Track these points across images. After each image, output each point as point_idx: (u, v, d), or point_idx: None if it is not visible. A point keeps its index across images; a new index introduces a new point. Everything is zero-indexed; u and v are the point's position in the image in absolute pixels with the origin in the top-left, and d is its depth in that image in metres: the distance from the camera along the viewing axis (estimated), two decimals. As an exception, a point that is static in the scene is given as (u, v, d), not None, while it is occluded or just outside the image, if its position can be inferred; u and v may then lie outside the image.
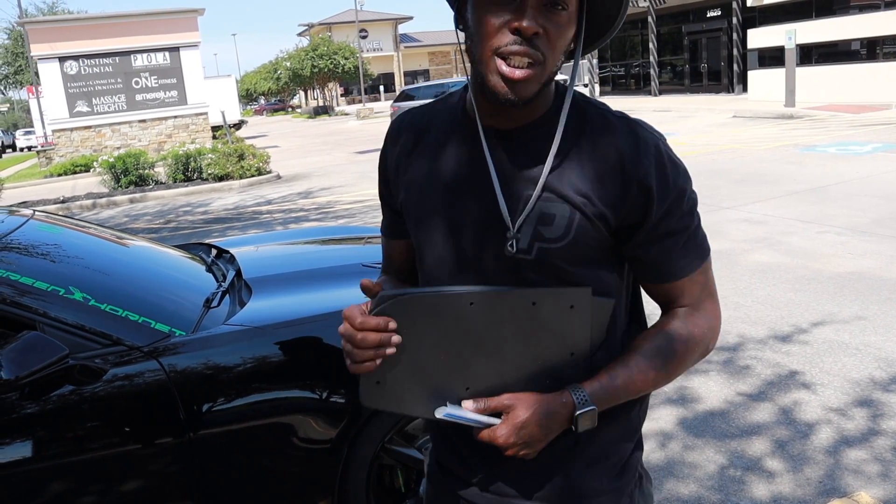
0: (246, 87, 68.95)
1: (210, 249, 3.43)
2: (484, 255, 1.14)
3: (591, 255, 1.13)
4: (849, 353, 4.00)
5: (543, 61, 1.03)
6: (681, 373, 1.19)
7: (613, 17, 1.11)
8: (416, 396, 1.13)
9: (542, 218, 1.10)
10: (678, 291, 1.17)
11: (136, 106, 23.84)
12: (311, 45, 47.00)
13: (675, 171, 1.13)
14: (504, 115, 1.12)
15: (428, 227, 1.19)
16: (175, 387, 2.12)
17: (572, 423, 1.10)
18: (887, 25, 18.59)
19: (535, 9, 1.01)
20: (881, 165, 9.70)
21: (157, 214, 11.70)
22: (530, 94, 1.05)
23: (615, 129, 1.12)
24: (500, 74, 1.03)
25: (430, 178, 1.18)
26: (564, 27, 1.04)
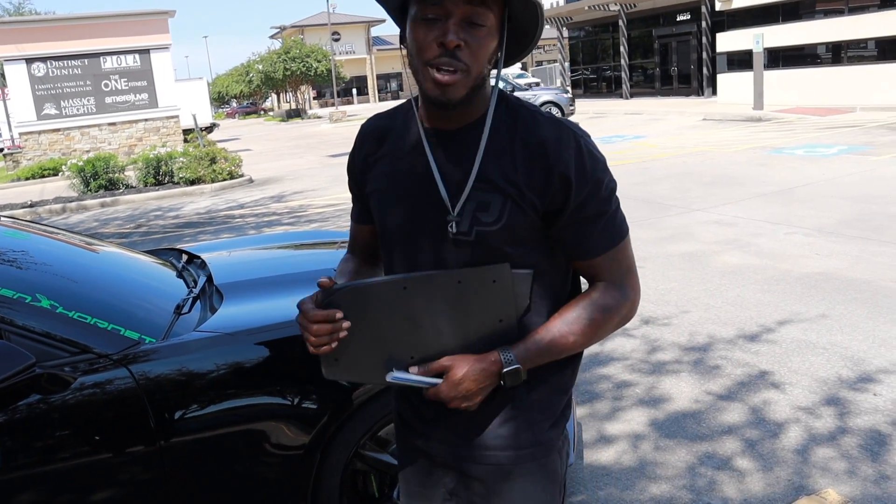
0: (218, 90, 68.33)
1: (181, 255, 3.40)
2: (433, 238, 1.33)
3: (523, 236, 1.30)
4: (816, 352, 4.07)
5: (468, 69, 1.21)
6: (600, 338, 1.37)
7: (532, 33, 1.30)
8: (369, 367, 1.33)
9: (479, 205, 1.28)
10: (598, 268, 1.35)
11: (105, 109, 23.51)
12: (284, 47, 46.70)
13: (594, 162, 1.29)
14: (444, 117, 1.30)
15: (388, 214, 1.38)
16: (145, 394, 2.10)
17: (501, 379, 1.30)
18: (851, 30, 18.96)
19: (457, 26, 1.19)
20: (847, 167, 9.89)
21: (128, 219, 11.55)
22: (459, 96, 1.23)
23: (542, 127, 1.29)
24: (433, 81, 1.21)
25: (389, 174, 1.38)
26: (484, 40, 1.22)
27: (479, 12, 1.20)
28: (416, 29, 1.22)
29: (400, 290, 1.29)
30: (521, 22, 1.28)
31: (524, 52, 1.34)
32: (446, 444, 1.42)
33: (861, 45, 19.07)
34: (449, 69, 1.20)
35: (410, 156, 1.35)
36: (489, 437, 1.38)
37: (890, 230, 6.48)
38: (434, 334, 1.30)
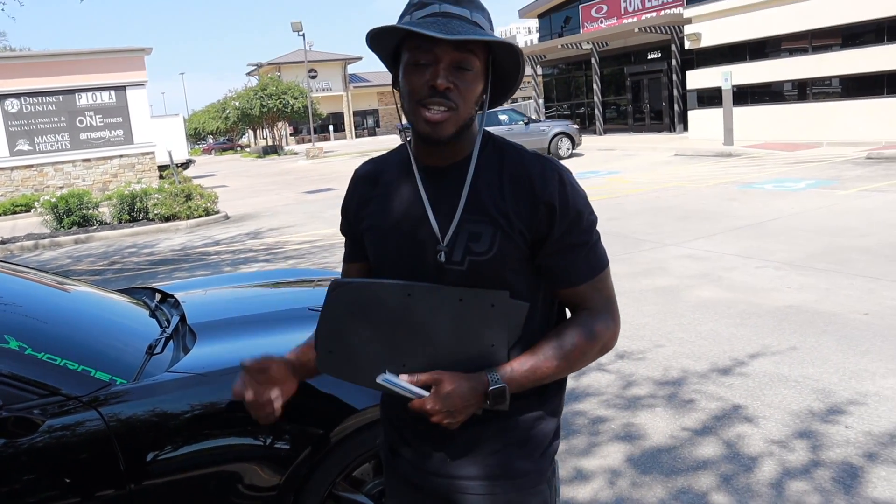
0: (194, 127, 68.28)
1: (154, 293, 3.37)
2: (426, 269, 1.39)
3: (513, 266, 1.38)
4: (788, 385, 4.11)
5: (457, 108, 1.32)
6: (582, 365, 1.43)
7: (514, 77, 1.41)
8: (360, 368, 1.37)
9: (471, 235, 1.36)
10: (581, 296, 1.43)
11: (80, 145, 23.39)
12: (261, 84, 46.90)
13: (575, 194, 1.40)
14: (436, 154, 1.40)
15: (383, 248, 1.46)
16: (115, 437, 2.07)
17: (486, 399, 1.34)
18: (815, 68, 19.50)
19: (446, 70, 1.30)
20: (815, 201, 10.09)
21: (102, 256, 11.43)
22: (448, 133, 1.33)
23: (527, 162, 1.40)
24: (424, 119, 1.32)
25: (384, 211, 1.47)
26: (471, 83, 1.33)
27: (466, 58, 1.31)
28: (408, 73, 1.33)
29: (404, 296, 1.34)
30: (504, 67, 1.39)
31: (508, 94, 1.45)
32: (436, 475, 1.45)
33: (825, 82, 19.60)
34: (440, 108, 1.30)
35: (404, 192, 1.44)
36: (480, 467, 1.42)
37: (857, 263, 6.61)
38: (427, 346, 1.35)
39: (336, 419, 2.30)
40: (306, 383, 2.32)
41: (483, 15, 1.35)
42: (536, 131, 20.87)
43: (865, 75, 18.32)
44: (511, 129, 20.36)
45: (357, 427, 2.33)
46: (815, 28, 19.32)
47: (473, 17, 1.32)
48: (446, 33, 1.25)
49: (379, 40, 1.37)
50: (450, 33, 1.25)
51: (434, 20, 1.29)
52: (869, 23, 18.12)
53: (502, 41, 1.32)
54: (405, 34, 1.33)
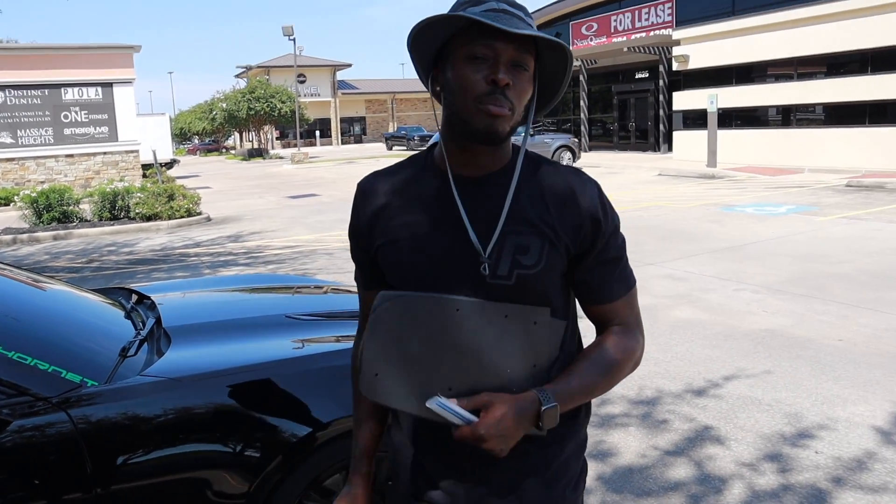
0: (180, 126, 67.90)
1: (131, 294, 3.35)
2: (464, 285, 1.30)
3: (556, 280, 1.34)
4: (761, 408, 4.15)
5: (513, 108, 1.26)
6: (619, 380, 1.38)
7: (558, 85, 1.35)
8: (405, 392, 1.26)
9: (518, 248, 1.29)
10: (615, 312, 1.39)
11: (64, 140, 23.19)
12: (249, 87, 46.76)
13: (612, 210, 1.38)
14: (473, 163, 1.33)
15: (410, 265, 1.34)
16: (84, 440, 2.05)
17: (539, 420, 1.25)
18: (800, 95, 19.79)
19: (505, 66, 1.24)
20: (795, 226, 10.21)
21: (80, 253, 11.32)
22: (505, 132, 1.27)
23: (565, 174, 1.36)
24: (485, 113, 1.24)
25: (409, 224, 1.35)
26: (526, 84, 1.27)
27: (524, 57, 1.26)
28: (463, 67, 1.25)
29: (452, 311, 1.25)
30: (547, 74, 1.33)
31: (549, 104, 1.39)
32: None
33: (809, 109, 19.89)
34: (502, 104, 1.24)
35: (433, 203, 1.34)
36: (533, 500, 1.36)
37: (834, 289, 6.68)
38: (474, 368, 1.26)
39: (307, 429, 2.29)
40: (279, 392, 2.32)
41: (531, 21, 1.30)
42: (541, 143, 21.40)
43: (848, 104, 18.61)
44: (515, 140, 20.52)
45: (329, 437, 2.32)
46: (801, 56, 19.61)
47: (527, 19, 1.27)
48: (514, 28, 1.20)
49: (426, 33, 1.28)
50: (516, 28, 1.21)
51: (496, 15, 1.23)
52: (853, 53, 18.43)
53: (559, 42, 1.27)
54: (461, 26, 1.25)
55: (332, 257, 9.55)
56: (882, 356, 4.90)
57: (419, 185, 1.37)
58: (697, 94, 22.34)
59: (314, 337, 2.70)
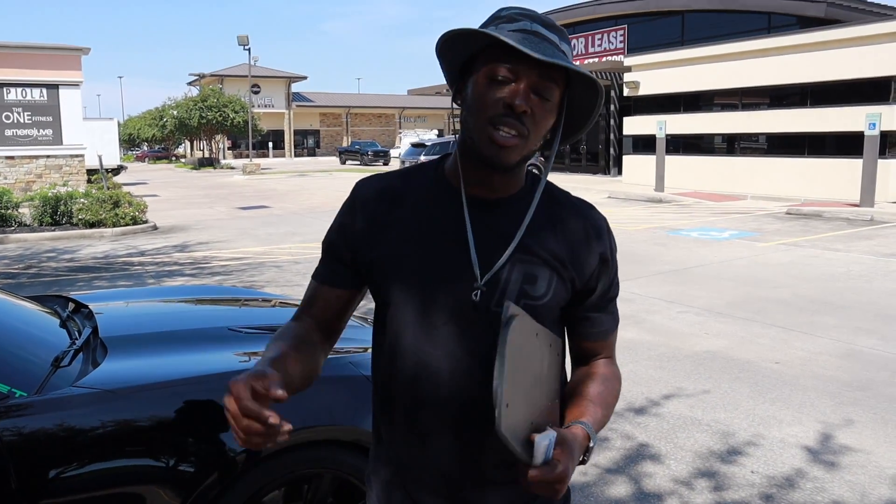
0: (129, 132, 66.48)
1: (68, 303, 3.25)
2: (461, 308, 1.25)
3: (557, 314, 1.32)
4: (700, 428, 4.23)
5: (527, 136, 1.21)
6: None
7: (587, 117, 1.30)
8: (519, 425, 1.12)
9: (527, 277, 1.26)
10: (604, 346, 1.40)
11: (4, 141, 22.43)
12: (201, 95, 46.08)
13: (616, 248, 1.37)
14: (487, 184, 1.28)
15: (407, 280, 1.28)
16: (9, 453, 1.97)
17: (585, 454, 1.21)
18: (744, 124, 20.42)
19: (526, 92, 1.19)
20: (737, 251, 10.49)
21: (17, 259, 10.95)
22: (513, 162, 1.22)
23: (580, 208, 1.35)
24: (491, 140, 1.20)
25: (412, 237, 1.29)
26: (547, 114, 1.22)
27: (548, 86, 1.20)
28: (483, 86, 1.20)
29: (532, 336, 1.19)
30: (576, 105, 1.28)
31: (576, 135, 1.35)
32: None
33: (753, 138, 20.52)
34: (511, 132, 1.19)
35: (438, 220, 1.29)
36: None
37: (773, 313, 6.88)
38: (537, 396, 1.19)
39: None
40: (217, 406, 2.27)
41: (569, 46, 1.25)
42: None
43: (789, 135, 19.27)
44: None
45: (269, 452, 2.28)
46: (745, 87, 20.26)
47: (562, 45, 1.22)
48: (542, 54, 1.15)
49: (454, 45, 1.24)
50: (545, 55, 1.15)
51: (525, 37, 1.18)
52: (794, 86, 19.12)
53: (588, 75, 1.22)
54: (487, 44, 1.21)
55: (280, 270, 9.44)
56: (815, 378, 5.06)
57: (430, 198, 1.31)
58: (647, 119, 22.87)
59: (256, 350, 2.66)
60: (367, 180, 1.38)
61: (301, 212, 17.12)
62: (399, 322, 1.30)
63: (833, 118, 18.04)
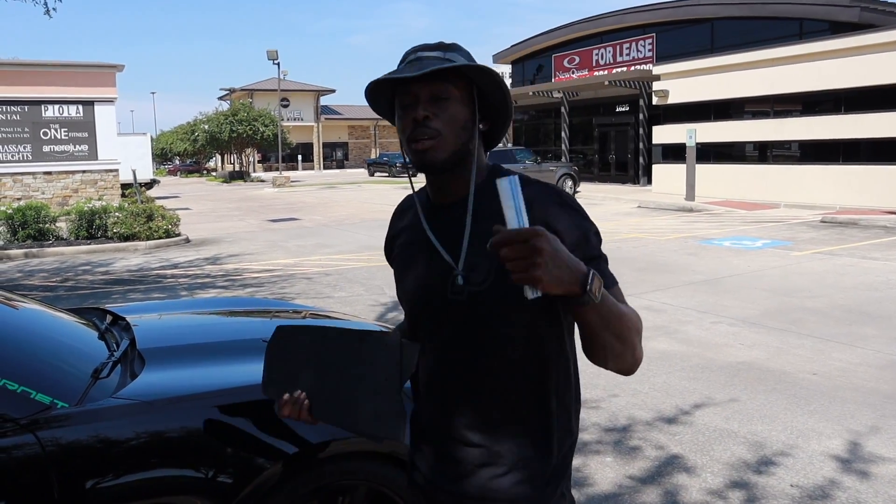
0: (161, 147, 67.58)
1: (105, 315, 3.30)
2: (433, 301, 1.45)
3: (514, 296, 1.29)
4: (736, 440, 4.16)
5: (440, 134, 1.39)
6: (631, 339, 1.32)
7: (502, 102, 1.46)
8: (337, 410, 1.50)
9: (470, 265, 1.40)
10: None
11: (42, 157, 22.94)
12: (232, 109, 46.74)
13: (575, 213, 1.41)
14: (442, 190, 1.48)
15: (402, 284, 1.55)
16: (51, 463, 2.00)
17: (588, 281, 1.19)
18: (776, 132, 20.15)
19: (425, 103, 1.39)
20: (770, 261, 10.34)
21: (54, 272, 11.16)
22: (440, 159, 1.40)
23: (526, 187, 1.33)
24: (412, 151, 1.41)
25: (403, 245, 1.57)
26: (452, 108, 1.40)
27: (441, 87, 1.39)
28: (399, 118, 1.43)
29: (321, 337, 1.52)
30: (490, 94, 1.45)
31: (505, 122, 1.50)
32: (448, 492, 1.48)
33: (785, 146, 20.25)
34: (423, 138, 1.38)
35: (417, 228, 1.52)
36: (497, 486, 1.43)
37: (808, 323, 6.76)
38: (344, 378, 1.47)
39: (282, 456, 2.26)
40: (254, 417, 2.29)
41: (460, 53, 1.43)
42: (546, 170, 23.13)
43: (823, 142, 18.98)
44: (525, 167, 22.07)
45: (304, 464, 2.29)
46: (777, 94, 20.01)
47: (447, 55, 1.41)
48: (416, 71, 1.34)
49: (375, 99, 1.49)
50: (418, 70, 1.34)
51: (407, 64, 1.41)
52: (827, 92, 18.83)
53: (468, 64, 1.38)
54: (393, 89, 1.45)
55: (311, 282, 9.51)
56: (855, 390, 4.95)
57: (413, 210, 1.56)
58: (676, 128, 22.68)
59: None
60: (404, 199, 1.65)
61: (330, 224, 17.23)
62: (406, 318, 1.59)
63: (869, 124, 17.74)
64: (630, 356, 1.34)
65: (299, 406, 1.49)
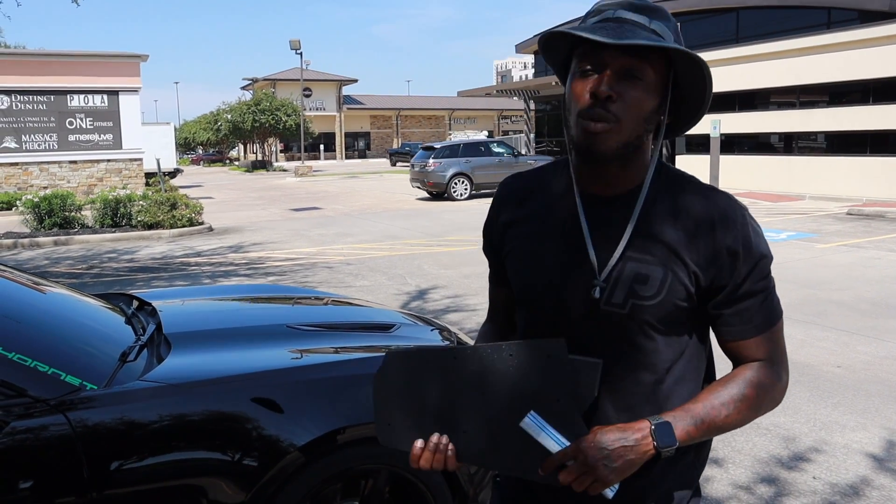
0: (184, 136, 68.14)
1: (131, 300, 3.35)
2: (576, 304, 1.26)
3: (677, 313, 1.24)
4: (759, 432, 4.13)
5: (618, 121, 1.18)
6: (751, 419, 1.26)
7: (701, 96, 1.25)
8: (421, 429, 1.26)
9: (637, 277, 1.22)
10: (753, 348, 1.27)
11: (68, 146, 23.25)
12: (254, 99, 47.01)
13: (758, 238, 1.25)
14: (600, 179, 1.26)
15: (528, 275, 1.32)
16: (81, 443, 2.04)
17: (653, 439, 1.16)
18: (801, 123, 19.88)
19: (611, 78, 1.17)
20: (795, 253, 10.22)
21: (81, 259, 11.32)
22: (608, 149, 1.19)
23: (707, 199, 1.25)
24: (582, 129, 1.19)
25: (533, 234, 1.32)
26: (641, 94, 1.19)
27: (637, 65, 1.18)
28: (573, 82, 1.22)
29: (450, 360, 1.24)
30: (688, 85, 1.24)
31: (695, 118, 1.30)
32: None
33: (811, 137, 19.97)
34: (598, 119, 1.17)
35: (559, 217, 1.30)
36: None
37: (833, 316, 6.68)
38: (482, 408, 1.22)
39: (306, 439, 2.28)
40: (279, 401, 2.31)
41: (667, 25, 1.21)
42: (525, 164, 21.46)
43: (850, 133, 18.70)
44: (501, 161, 20.84)
45: (328, 448, 2.31)
46: (803, 84, 19.73)
47: (652, 24, 1.19)
48: (615, 38, 1.13)
49: (550, 48, 1.27)
50: (619, 38, 1.13)
51: (604, 25, 1.18)
52: (855, 83, 18.53)
53: (680, 49, 1.17)
54: (575, 41, 1.23)
55: (332, 271, 9.56)
56: (881, 384, 4.89)
57: (551, 195, 1.34)
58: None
59: (315, 347, 2.70)
60: (509, 179, 1.44)
61: (352, 213, 17.30)
62: (525, 315, 1.36)
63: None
64: (760, 413, 1.28)
65: (443, 454, 1.23)
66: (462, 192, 20.06)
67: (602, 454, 1.13)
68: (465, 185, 20.11)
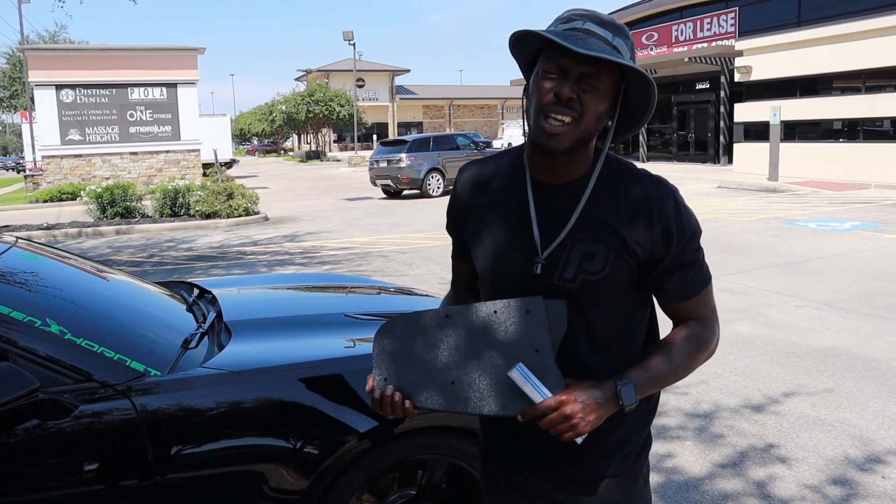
0: (240, 127, 69.37)
1: (192, 288, 3.41)
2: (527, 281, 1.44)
3: (621, 284, 1.44)
4: (824, 429, 4.00)
5: (578, 119, 1.35)
6: (692, 369, 1.49)
7: (642, 110, 1.45)
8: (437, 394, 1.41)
9: (585, 255, 1.41)
10: (690, 309, 1.50)
11: (128, 138, 23.92)
12: (308, 90, 47.53)
13: (688, 215, 1.46)
14: (550, 170, 1.44)
15: (484, 257, 1.51)
16: (146, 428, 2.08)
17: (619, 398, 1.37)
18: (867, 108, 19.14)
19: (573, 81, 1.35)
20: (859, 244, 9.87)
21: (141, 248, 11.63)
22: (564, 146, 1.37)
23: (642, 183, 1.44)
24: (542, 129, 1.37)
25: (488, 219, 1.51)
26: (595, 99, 1.36)
27: (597, 74, 1.35)
28: (539, 81, 1.38)
29: (442, 319, 1.41)
30: (634, 98, 1.43)
31: (634, 128, 1.49)
32: (548, 479, 1.52)
33: (877, 123, 19.22)
34: (561, 119, 1.35)
35: (511, 203, 1.48)
36: (593, 469, 1.49)
37: (902, 310, 6.42)
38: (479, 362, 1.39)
39: (364, 428, 2.29)
40: (337, 390, 2.32)
41: (625, 42, 1.38)
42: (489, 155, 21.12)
43: (920, 118, 17.93)
44: (467, 155, 20.20)
45: (385, 437, 2.31)
46: (870, 68, 18.98)
47: (614, 41, 1.36)
48: (583, 48, 1.30)
49: (519, 45, 1.43)
50: (586, 49, 1.30)
51: (574, 34, 1.35)
52: (926, 65, 17.75)
53: (634, 68, 1.35)
54: (544, 44, 1.39)
55: (387, 260, 9.61)
56: (954, 381, 4.69)
57: (507, 182, 1.51)
58: (760, 105, 21.82)
59: (370, 337, 2.70)
60: (465, 167, 1.61)
61: (405, 203, 17.37)
62: (483, 294, 1.57)
63: (970, 100, 16.65)
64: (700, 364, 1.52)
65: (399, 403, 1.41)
66: (437, 187, 19.45)
67: (579, 408, 1.33)
68: (439, 180, 19.52)
